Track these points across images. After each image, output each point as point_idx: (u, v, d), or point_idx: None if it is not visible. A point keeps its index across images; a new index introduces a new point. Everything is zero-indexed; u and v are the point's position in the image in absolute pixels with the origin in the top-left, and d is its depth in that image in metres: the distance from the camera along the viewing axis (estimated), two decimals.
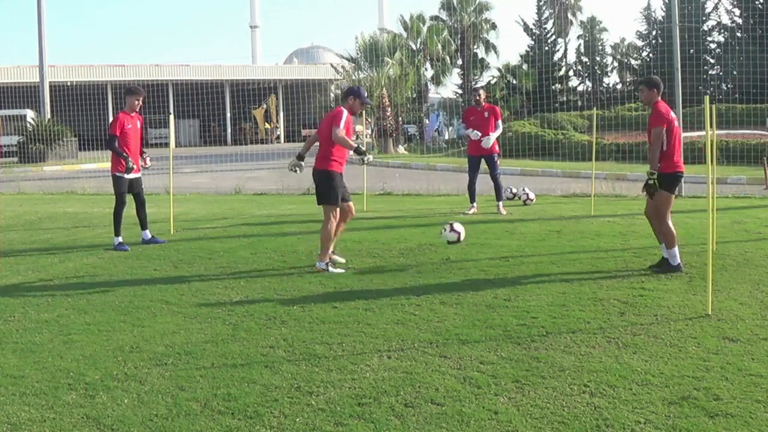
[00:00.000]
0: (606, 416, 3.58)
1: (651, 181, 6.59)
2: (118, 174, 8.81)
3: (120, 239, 8.78)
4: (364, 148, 7.39)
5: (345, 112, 7.20)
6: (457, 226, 8.06)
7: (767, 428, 3.42)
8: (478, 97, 11.72)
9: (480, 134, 11.30)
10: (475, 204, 11.64)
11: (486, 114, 11.47)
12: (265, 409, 3.76)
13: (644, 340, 4.75)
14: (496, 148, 11.57)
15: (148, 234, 9.18)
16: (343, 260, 7.51)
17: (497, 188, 11.64)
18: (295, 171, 7.70)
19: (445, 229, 8.05)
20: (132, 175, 8.88)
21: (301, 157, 7.60)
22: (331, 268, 7.12)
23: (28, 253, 8.56)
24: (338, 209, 7.27)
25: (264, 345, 4.82)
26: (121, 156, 8.66)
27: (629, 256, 7.60)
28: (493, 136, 11.35)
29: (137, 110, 8.92)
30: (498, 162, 11.67)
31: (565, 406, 3.72)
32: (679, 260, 6.68)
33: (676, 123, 6.73)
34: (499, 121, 11.51)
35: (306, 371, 4.30)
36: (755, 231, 9.10)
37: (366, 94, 7.59)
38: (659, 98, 6.80)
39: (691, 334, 4.85)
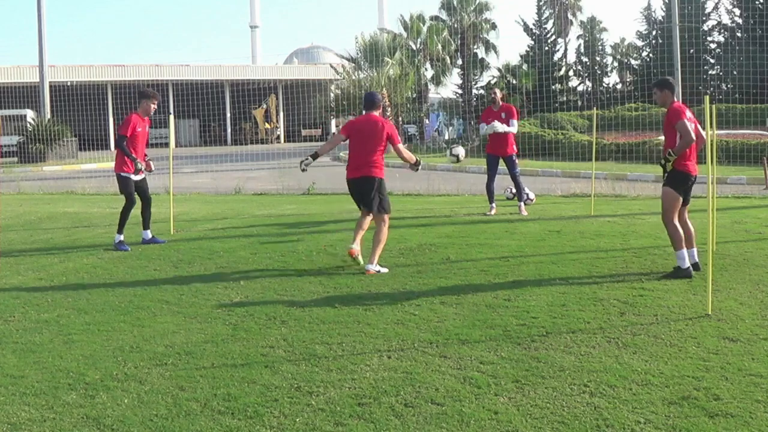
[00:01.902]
0: (606, 416, 3.58)
1: (663, 162, 6.60)
2: (123, 174, 8.82)
3: (121, 237, 8.78)
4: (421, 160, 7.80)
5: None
6: (456, 149, 10.06)
7: (767, 428, 3.42)
8: (494, 96, 11.65)
9: (491, 126, 11.26)
10: (494, 204, 11.59)
11: (503, 114, 11.42)
12: (265, 409, 3.76)
13: (644, 340, 4.75)
14: (514, 148, 11.57)
15: (148, 234, 9.18)
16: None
17: (518, 188, 11.63)
18: (305, 170, 7.71)
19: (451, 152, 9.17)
20: (137, 177, 8.90)
21: (316, 157, 7.60)
22: (382, 269, 7.18)
23: (28, 253, 8.56)
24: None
25: (264, 345, 4.82)
26: (130, 157, 8.68)
27: (629, 256, 7.60)
28: (503, 126, 11.26)
29: (150, 114, 8.93)
30: (516, 161, 11.66)
31: (565, 406, 3.72)
32: (687, 263, 6.52)
33: (691, 126, 6.64)
34: (515, 120, 11.45)
35: (306, 371, 4.30)
36: (755, 231, 9.10)
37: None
38: (674, 99, 6.73)
39: (691, 334, 4.85)
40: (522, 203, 11.52)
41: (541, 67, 41.05)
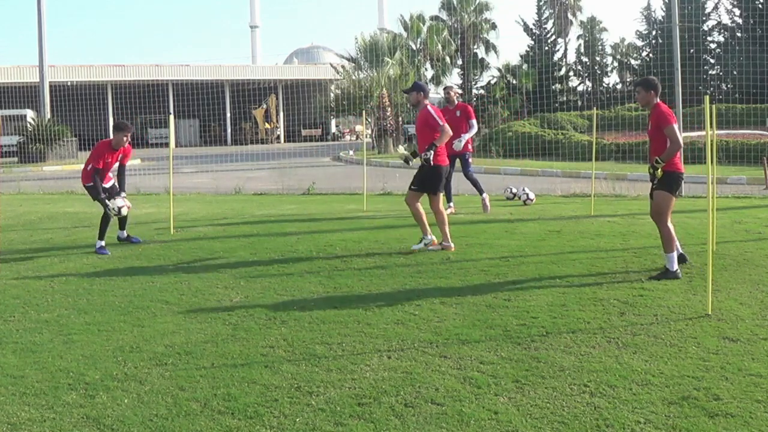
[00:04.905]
0: (606, 416, 3.58)
1: (652, 170, 6.50)
2: (91, 185, 8.80)
3: (102, 243, 8.69)
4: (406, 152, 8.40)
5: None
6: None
7: (767, 428, 3.42)
8: (448, 96, 11.50)
9: (459, 141, 11.12)
10: (452, 204, 11.55)
11: (458, 113, 11.25)
12: (265, 409, 3.76)
13: (644, 340, 4.75)
14: (469, 147, 11.42)
15: (123, 233, 9.24)
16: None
17: (475, 184, 11.52)
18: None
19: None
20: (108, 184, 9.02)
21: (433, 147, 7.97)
22: (415, 246, 8.18)
23: (28, 253, 8.56)
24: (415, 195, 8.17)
25: (264, 345, 4.82)
26: (99, 198, 8.71)
27: (629, 256, 7.60)
28: (465, 137, 11.13)
29: (123, 145, 8.81)
30: (471, 160, 11.52)
31: (565, 406, 3.72)
32: (676, 266, 6.50)
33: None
34: (473, 121, 11.24)
35: (306, 371, 4.30)
36: (755, 231, 9.10)
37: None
38: (658, 99, 6.64)
39: (691, 334, 4.85)
40: (484, 195, 11.50)
41: (541, 67, 41.08)
